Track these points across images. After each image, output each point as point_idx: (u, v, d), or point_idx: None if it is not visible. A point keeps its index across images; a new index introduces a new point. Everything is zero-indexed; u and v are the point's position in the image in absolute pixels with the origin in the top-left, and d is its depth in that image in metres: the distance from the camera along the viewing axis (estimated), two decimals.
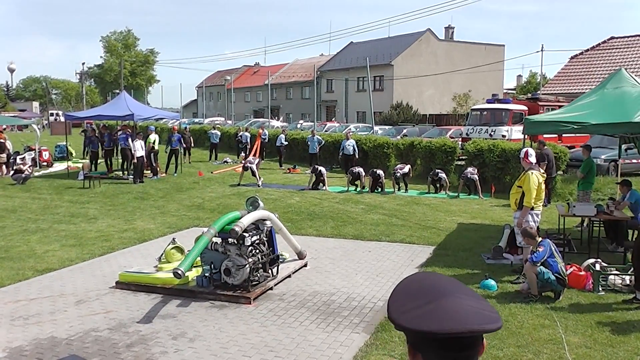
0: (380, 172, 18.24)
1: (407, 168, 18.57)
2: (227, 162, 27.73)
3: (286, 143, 26.26)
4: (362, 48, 56.55)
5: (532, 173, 8.53)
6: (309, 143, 24.02)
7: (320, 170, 18.81)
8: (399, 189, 18.19)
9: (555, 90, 33.32)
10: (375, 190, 18.07)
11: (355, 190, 18.42)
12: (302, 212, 14.48)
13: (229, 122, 47.05)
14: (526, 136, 11.48)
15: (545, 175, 9.25)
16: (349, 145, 21.70)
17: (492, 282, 8.10)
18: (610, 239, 10.75)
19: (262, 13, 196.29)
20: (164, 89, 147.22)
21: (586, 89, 27.42)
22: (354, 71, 52.38)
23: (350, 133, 24.35)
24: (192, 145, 27.80)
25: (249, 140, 28.51)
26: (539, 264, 7.50)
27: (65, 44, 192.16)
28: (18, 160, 22.26)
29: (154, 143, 21.61)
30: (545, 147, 14.75)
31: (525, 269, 7.74)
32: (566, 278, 7.65)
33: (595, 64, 35.03)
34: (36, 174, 22.40)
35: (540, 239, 7.86)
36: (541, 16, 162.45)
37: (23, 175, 20.05)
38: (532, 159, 8.82)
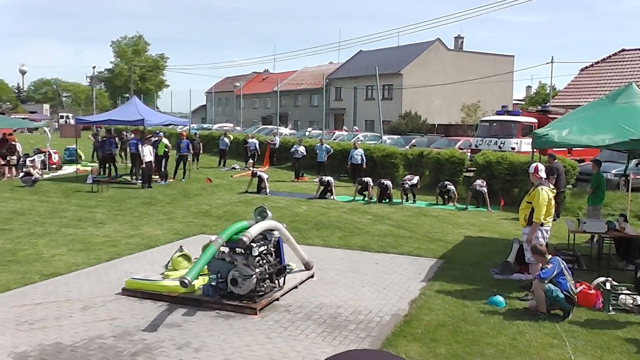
0: (388, 182, 18.19)
1: (415, 179, 18.53)
2: (235, 169, 27.74)
3: (304, 154, 24.84)
4: (371, 57, 56.58)
5: (542, 189, 8.46)
6: (317, 151, 23.98)
7: (327, 180, 18.78)
8: (406, 200, 18.13)
9: (565, 102, 33.22)
10: (383, 201, 18.02)
11: (363, 200, 18.37)
12: (309, 221, 14.44)
13: (238, 128, 47.12)
14: (535, 149, 11.40)
15: (555, 190, 9.17)
16: (357, 154, 21.67)
17: (500, 298, 8.02)
18: (621, 256, 10.65)
19: (272, 21, 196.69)
20: (174, 94, 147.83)
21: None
22: (363, 79, 52.35)
23: (359, 142, 24.30)
24: (201, 151, 27.83)
25: (257, 147, 28.52)
26: (547, 281, 7.42)
27: (76, 48, 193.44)
28: (28, 163, 22.37)
29: (166, 147, 21.82)
30: (556, 160, 14.67)
31: (533, 285, 7.67)
32: (575, 296, 7.57)
33: (605, 77, 34.94)
34: (45, 176, 22.47)
35: (549, 256, 7.78)
36: (551, 27, 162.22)
37: (32, 177, 20.13)
38: (542, 174, 8.76)
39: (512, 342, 6.65)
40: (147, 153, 20.08)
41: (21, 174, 21.03)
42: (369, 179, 18.56)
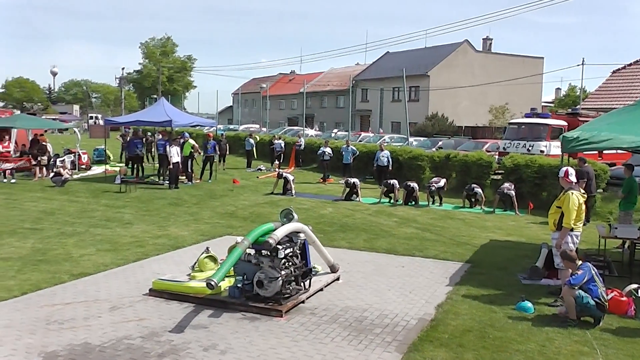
0: (414, 184, 18.07)
1: (442, 182, 18.38)
2: (260, 170, 27.87)
3: (332, 155, 24.56)
4: (398, 58, 56.39)
5: (572, 193, 8.29)
6: (342, 153, 23.93)
7: (353, 182, 18.74)
8: (433, 202, 18.00)
9: (595, 104, 32.65)
10: (409, 203, 17.91)
11: (389, 202, 18.28)
12: (334, 223, 14.42)
13: (264, 129, 47.36)
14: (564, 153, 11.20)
15: (585, 195, 8.99)
16: (383, 156, 21.58)
17: (528, 304, 7.90)
18: None
19: (299, 22, 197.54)
20: (201, 95, 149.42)
21: (628, 104, 26.81)
22: (390, 81, 52.19)
23: (385, 144, 24.19)
24: (227, 152, 28.01)
25: (283, 147, 28.60)
26: (577, 288, 7.29)
27: (106, 49, 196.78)
28: (58, 163, 22.74)
29: (193, 148, 21.99)
30: (586, 164, 14.41)
31: (563, 292, 7.53)
32: (607, 303, 7.41)
33: (638, 79, 34.26)
34: (75, 176, 22.82)
35: (580, 262, 7.64)
36: (582, 28, 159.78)
37: (62, 178, 20.46)
38: (573, 178, 8.59)
39: (541, 349, 6.53)
40: (175, 154, 20.27)
41: (51, 174, 21.40)
42: (394, 181, 18.47)
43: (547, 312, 7.82)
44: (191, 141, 22.52)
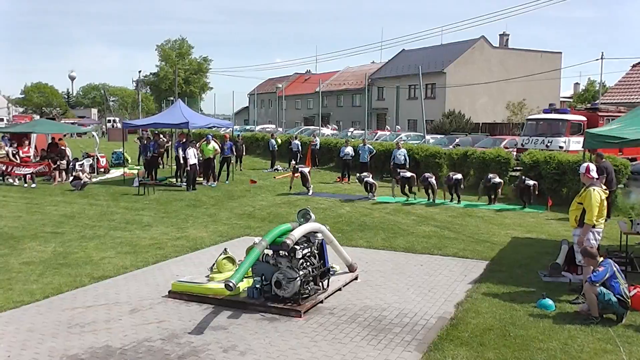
0: (430, 175, 18.17)
1: (459, 175, 18.23)
2: (277, 170, 27.90)
3: (353, 155, 24.18)
4: (414, 56, 56.14)
5: (594, 189, 8.17)
6: (359, 152, 23.87)
7: (368, 183, 18.65)
8: (451, 200, 17.90)
9: (615, 99, 32.22)
10: (415, 199, 17.95)
11: (406, 200, 18.20)
12: (352, 222, 14.39)
13: (280, 129, 47.41)
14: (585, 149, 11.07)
15: (607, 191, 8.85)
16: (399, 154, 21.49)
17: (549, 301, 7.81)
18: None
19: (314, 22, 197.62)
20: (217, 96, 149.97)
21: None
22: (406, 79, 52.00)
23: (402, 142, 24.08)
24: (244, 153, 28.06)
25: (299, 148, 28.62)
26: (598, 284, 7.19)
27: (123, 53, 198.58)
28: (77, 167, 22.95)
29: (214, 150, 22.03)
30: (604, 159, 14.21)
31: (584, 289, 7.44)
32: (629, 300, 7.30)
33: None
34: (94, 180, 23.02)
35: (601, 258, 7.53)
36: (602, 22, 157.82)
37: (81, 181, 20.66)
38: (594, 174, 8.47)
39: (563, 347, 6.45)
40: (192, 156, 20.37)
41: (71, 178, 21.62)
42: (406, 173, 18.53)
43: (568, 310, 7.72)
44: (215, 144, 22.40)
